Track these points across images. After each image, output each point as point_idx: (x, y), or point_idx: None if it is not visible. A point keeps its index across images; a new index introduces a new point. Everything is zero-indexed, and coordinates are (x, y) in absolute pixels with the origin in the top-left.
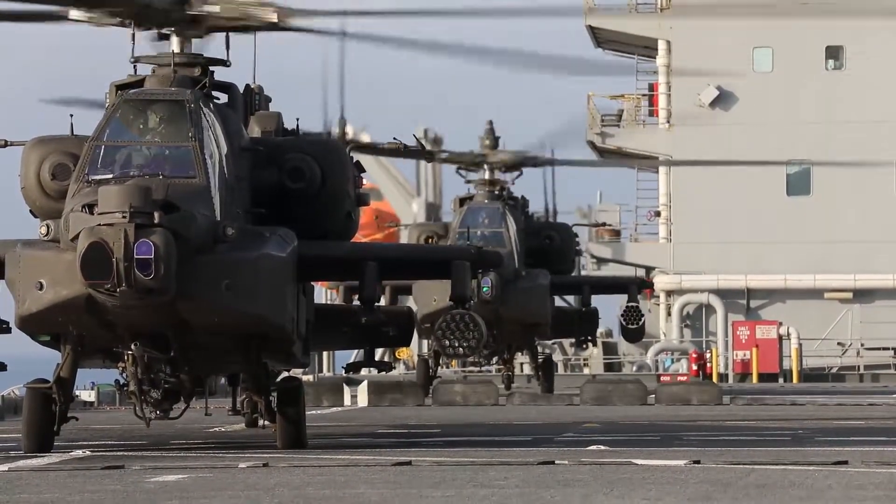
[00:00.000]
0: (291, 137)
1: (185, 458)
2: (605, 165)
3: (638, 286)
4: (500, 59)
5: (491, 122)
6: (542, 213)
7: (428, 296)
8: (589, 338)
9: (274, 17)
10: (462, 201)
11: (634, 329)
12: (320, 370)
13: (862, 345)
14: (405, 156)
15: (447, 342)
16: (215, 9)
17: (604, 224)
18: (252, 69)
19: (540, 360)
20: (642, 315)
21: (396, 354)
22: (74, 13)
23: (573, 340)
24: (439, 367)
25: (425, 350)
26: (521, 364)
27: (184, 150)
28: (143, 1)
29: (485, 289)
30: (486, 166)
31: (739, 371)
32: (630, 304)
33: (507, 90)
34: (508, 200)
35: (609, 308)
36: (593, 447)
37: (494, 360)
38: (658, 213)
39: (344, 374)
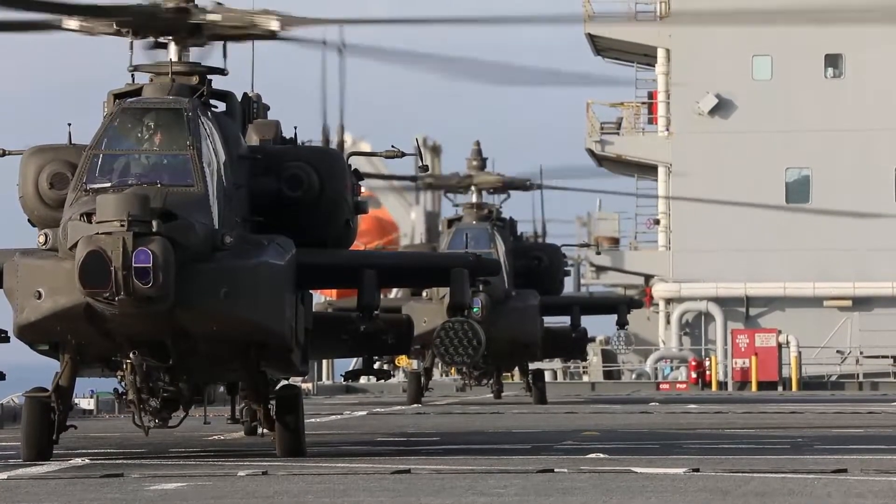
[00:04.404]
0: (290, 146)
1: (184, 466)
2: (595, 190)
3: (628, 306)
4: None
5: (478, 143)
6: (531, 233)
7: (419, 317)
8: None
9: (275, 26)
10: (451, 222)
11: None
12: (319, 378)
13: (861, 353)
14: (397, 178)
15: (444, 350)
16: (216, 17)
17: (589, 244)
18: (251, 77)
19: (530, 371)
20: (631, 342)
21: (395, 362)
22: (70, 22)
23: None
24: (438, 376)
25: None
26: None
27: (182, 158)
28: (144, 10)
29: (475, 309)
30: (473, 188)
31: (739, 379)
32: (621, 332)
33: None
34: (497, 222)
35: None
36: (592, 455)
37: (484, 381)
38: (657, 222)
39: (343, 382)
